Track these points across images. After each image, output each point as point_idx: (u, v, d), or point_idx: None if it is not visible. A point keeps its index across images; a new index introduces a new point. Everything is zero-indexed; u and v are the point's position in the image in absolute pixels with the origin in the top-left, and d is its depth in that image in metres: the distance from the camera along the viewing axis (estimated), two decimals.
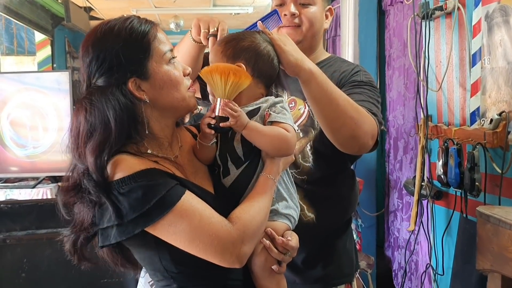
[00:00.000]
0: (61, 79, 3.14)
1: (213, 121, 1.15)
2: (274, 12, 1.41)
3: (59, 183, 3.15)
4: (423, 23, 2.60)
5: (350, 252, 1.71)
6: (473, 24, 2.22)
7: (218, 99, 1.14)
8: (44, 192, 3.02)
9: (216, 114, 1.14)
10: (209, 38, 1.40)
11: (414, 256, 3.13)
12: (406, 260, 3.00)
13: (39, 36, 6.42)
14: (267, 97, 1.26)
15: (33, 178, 3.20)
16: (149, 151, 1.12)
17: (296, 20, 1.56)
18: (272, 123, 1.20)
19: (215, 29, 1.40)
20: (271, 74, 1.27)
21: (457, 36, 2.36)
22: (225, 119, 1.14)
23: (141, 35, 1.12)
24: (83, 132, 1.07)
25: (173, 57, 1.17)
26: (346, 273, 1.68)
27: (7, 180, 3.20)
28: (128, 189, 1.02)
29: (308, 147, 1.56)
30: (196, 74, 1.48)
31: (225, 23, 1.42)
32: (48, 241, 1.79)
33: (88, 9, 6.47)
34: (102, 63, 1.10)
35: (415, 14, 2.67)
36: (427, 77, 2.61)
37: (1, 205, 1.79)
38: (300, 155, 1.56)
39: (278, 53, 1.27)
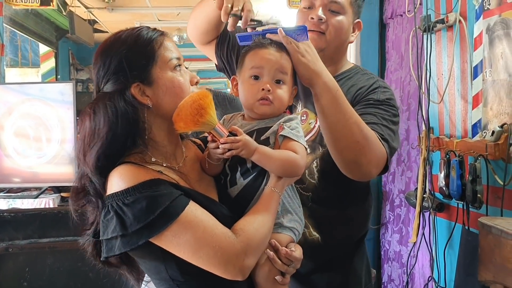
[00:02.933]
0: (65, 91, 3.15)
1: (219, 152, 1.15)
2: (303, 28, 1.30)
3: (62, 193, 3.15)
4: (425, 36, 2.62)
5: (358, 269, 1.65)
6: (474, 37, 2.23)
7: (213, 129, 1.14)
8: (46, 202, 3.01)
9: (220, 148, 1.14)
10: (231, 17, 1.33)
11: (404, 268, 3.13)
12: (408, 273, 2.98)
13: (43, 48, 6.48)
14: (283, 114, 1.28)
15: (36, 188, 3.20)
16: (153, 159, 1.13)
17: (323, 26, 1.49)
18: (284, 137, 1.20)
19: (239, 8, 1.32)
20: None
21: (459, 48, 2.38)
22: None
23: (146, 41, 1.14)
24: (87, 136, 1.10)
25: (179, 65, 1.18)
26: None
27: (10, 190, 3.19)
28: (132, 199, 1.03)
29: (315, 164, 1.52)
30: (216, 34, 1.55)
31: (250, 3, 1.35)
32: (50, 250, 1.79)
33: (92, 22, 6.52)
34: (108, 69, 1.13)
35: (417, 27, 2.69)
36: (428, 90, 2.62)
37: (4, 214, 1.80)
38: (306, 171, 1.52)
39: (294, 64, 1.27)
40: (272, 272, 1.17)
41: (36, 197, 3.05)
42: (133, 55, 1.13)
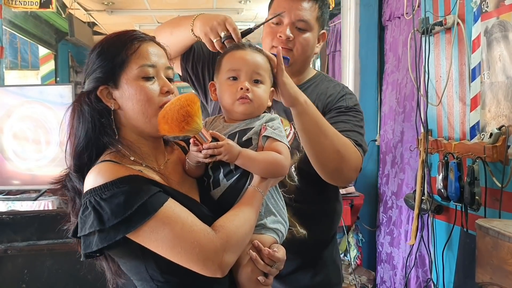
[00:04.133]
0: (64, 93, 3.16)
1: (200, 156, 1.16)
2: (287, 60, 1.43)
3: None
4: (423, 38, 2.62)
5: (337, 262, 1.75)
6: (472, 39, 2.24)
7: (197, 134, 1.14)
8: (45, 205, 3.02)
9: (202, 153, 1.15)
10: (225, 42, 1.39)
11: (395, 270, 3.14)
12: (407, 274, 2.99)
13: (42, 51, 6.48)
14: (263, 114, 1.29)
15: (35, 191, 3.20)
16: (132, 159, 1.13)
17: (290, 44, 1.56)
18: (267, 138, 1.21)
19: (225, 33, 1.39)
20: None
21: (457, 51, 2.39)
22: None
23: (119, 46, 1.15)
24: (68, 133, 1.15)
25: (151, 76, 1.16)
26: (334, 283, 1.72)
27: (9, 193, 3.20)
28: (110, 194, 1.03)
29: (293, 168, 1.59)
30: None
31: (231, 19, 1.42)
32: (49, 252, 1.79)
33: (91, 24, 6.54)
34: (87, 67, 1.17)
35: (415, 29, 2.70)
36: (427, 92, 2.63)
37: (3, 216, 1.80)
38: (286, 175, 1.54)
39: (278, 84, 1.33)
40: (255, 273, 1.17)
41: (35, 199, 3.06)
42: (105, 58, 1.15)
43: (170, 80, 1.20)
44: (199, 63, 1.67)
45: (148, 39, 1.19)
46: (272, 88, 1.33)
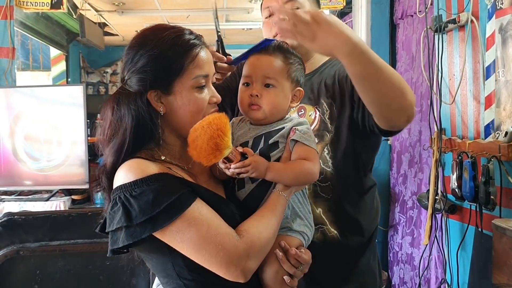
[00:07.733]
0: (76, 93, 3.17)
1: (228, 174, 1.16)
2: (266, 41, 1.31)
3: (73, 196, 3.17)
4: (436, 36, 2.60)
5: (374, 270, 1.64)
6: (486, 36, 2.21)
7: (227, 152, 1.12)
8: (57, 205, 3.04)
9: (230, 171, 1.16)
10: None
11: (420, 270, 3.10)
12: (420, 275, 2.95)
13: (54, 52, 6.52)
14: (291, 117, 1.27)
15: (47, 191, 3.23)
16: (162, 158, 1.14)
17: None
18: (295, 142, 1.19)
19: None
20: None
21: (471, 48, 2.36)
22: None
23: (178, 52, 1.13)
24: (108, 129, 1.13)
25: (204, 84, 1.16)
26: None
27: (21, 193, 3.22)
28: (139, 191, 1.03)
29: (326, 151, 1.51)
30: None
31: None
32: (61, 252, 1.80)
33: (102, 25, 6.55)
34: (135, 65, 1.13)
35: (428, 27, 2.67)
36: (440, 90, 2.60)
37: (15, 217, 1.80)
38: (320, 161, 1.48)
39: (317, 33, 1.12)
40: (280, 273, 1.16)
41: (47, 199, 3.08)
42: (162, 63, 1.12)
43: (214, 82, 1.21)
44: None
45: (202, 44, 1.18)
46: (299, 88, 1.29)
